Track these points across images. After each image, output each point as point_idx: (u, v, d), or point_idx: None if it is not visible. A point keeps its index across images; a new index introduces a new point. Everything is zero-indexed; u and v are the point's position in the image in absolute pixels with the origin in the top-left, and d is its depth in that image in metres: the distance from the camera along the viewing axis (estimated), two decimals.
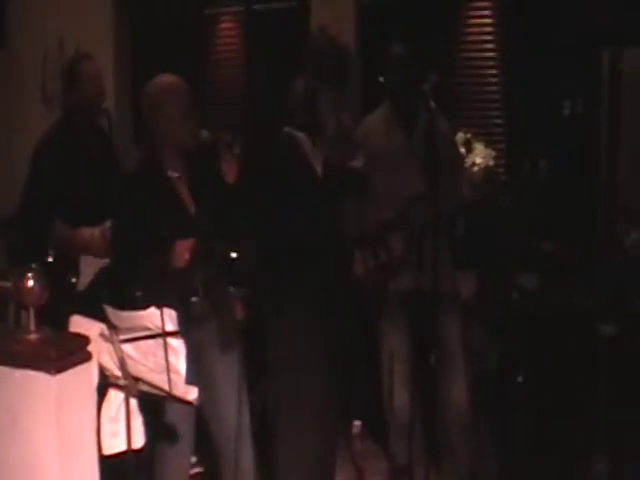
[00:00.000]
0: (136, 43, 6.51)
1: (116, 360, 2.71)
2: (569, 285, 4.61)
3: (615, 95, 4.74)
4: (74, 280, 4.00)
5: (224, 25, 6.46)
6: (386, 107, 4.09)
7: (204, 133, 3.41)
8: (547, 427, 4.40)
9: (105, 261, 4.07)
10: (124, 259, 3.39)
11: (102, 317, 2.72)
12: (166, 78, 3.41)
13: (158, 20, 6.39)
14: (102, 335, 2.66)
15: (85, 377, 2.33)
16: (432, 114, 3.56)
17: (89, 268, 4.07)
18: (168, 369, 2.65)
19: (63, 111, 4.16)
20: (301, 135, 3.75)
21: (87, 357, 2.32)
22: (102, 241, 4.00)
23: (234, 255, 3.41)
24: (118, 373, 2.73)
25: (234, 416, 3.46)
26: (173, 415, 3.26)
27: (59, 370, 2.22)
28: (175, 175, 3.39)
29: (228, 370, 3.47)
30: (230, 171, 3.34)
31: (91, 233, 4.02)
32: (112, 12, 6.32)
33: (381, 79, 3.98)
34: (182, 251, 3.24)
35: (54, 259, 3.95)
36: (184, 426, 3.39)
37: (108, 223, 4.01)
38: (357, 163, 3.90)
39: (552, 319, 4.53)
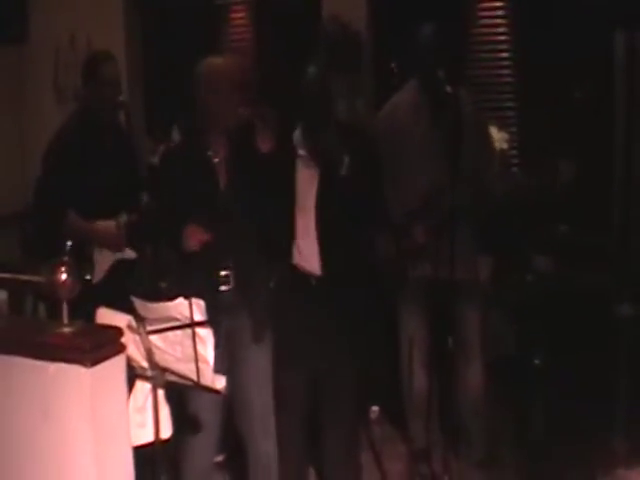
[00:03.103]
0: (147, 34, 6.50)
1: (143, 351, 2.73)
2: (585, 266, 4.62)
3: (630, 78, 4.72)
4: (88, 276, 4.02)
5: (235, 14, 6.46)
6: (413, 89, 3.99)
7: (243, 109, 3.37)
8: (565, 409, 4.41)
9: (119, 254, 4.11)
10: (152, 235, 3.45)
11: (125, 309, 2.75)
12: (218, 59, 3.46)
13: (169, 10, 6.39)
14: (129, 326, 2.69)
15: (119, 369, 2.34)
16: (459, 97, 3.53)
17: (104, 261, 4.10)
18: (196, 359, 2.68)
19: (79, 106, 4.17)
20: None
21: (121, 349, 2.34)
22: (118, 234, 4.03)
23: None
24: (145, 364, 2.75)
25: (259, 403, 3.52)
26: (200, 404, 3.29)
27: (94, 362, 2.24)
28: (216, 160, 3.41)
29: (257, 359, 3.50)
30: (265, 141, 3.30)
31: (107, 226, 4.05)
32: (123, 3, 6.33)
33: (405, 60, 3.90)
34: (188, 236, 3.26)
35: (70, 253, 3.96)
36: (211, 415, 3.41)
37: (124, 216, 4.04)
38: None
39: (568, 301, 4.53)
